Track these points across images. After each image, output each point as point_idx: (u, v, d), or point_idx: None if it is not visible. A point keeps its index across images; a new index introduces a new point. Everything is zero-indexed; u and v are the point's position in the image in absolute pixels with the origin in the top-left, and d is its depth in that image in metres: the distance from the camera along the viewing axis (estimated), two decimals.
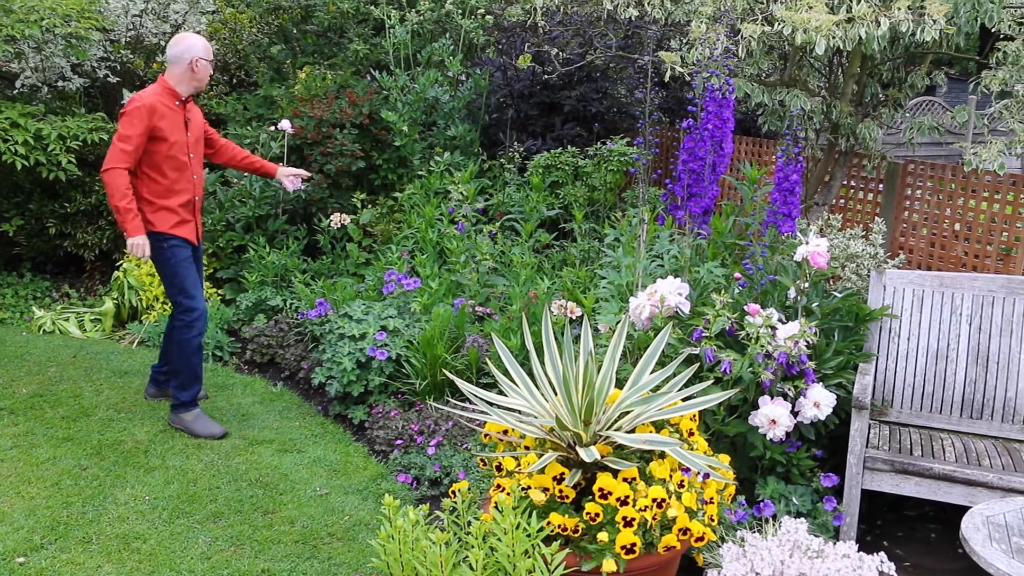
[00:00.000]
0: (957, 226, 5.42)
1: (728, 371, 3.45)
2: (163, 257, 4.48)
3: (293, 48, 8.04)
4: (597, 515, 2.71)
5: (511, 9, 7.12)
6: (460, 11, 7.32)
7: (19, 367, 5.37)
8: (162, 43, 6.97)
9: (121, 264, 6.39)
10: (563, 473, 2.82)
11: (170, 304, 4.70)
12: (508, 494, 2.70)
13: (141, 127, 4.31)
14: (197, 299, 4.53)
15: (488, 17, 7.40)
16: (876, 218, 5.24)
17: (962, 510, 3.29)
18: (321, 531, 3.69)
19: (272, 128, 6.75)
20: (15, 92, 6.55)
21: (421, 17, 7.17)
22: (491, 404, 3.07)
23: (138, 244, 4.32)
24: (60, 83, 6.68)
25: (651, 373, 3.14)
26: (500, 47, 7.78)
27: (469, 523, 2.76)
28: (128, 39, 6.92)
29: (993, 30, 4.68)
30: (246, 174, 6.61)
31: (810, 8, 4.38)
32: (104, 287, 6.72)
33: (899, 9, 4.28)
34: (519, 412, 3.07)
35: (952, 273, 4.05)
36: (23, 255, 6.99)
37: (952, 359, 3.92)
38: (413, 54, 7.20)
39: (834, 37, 4.29)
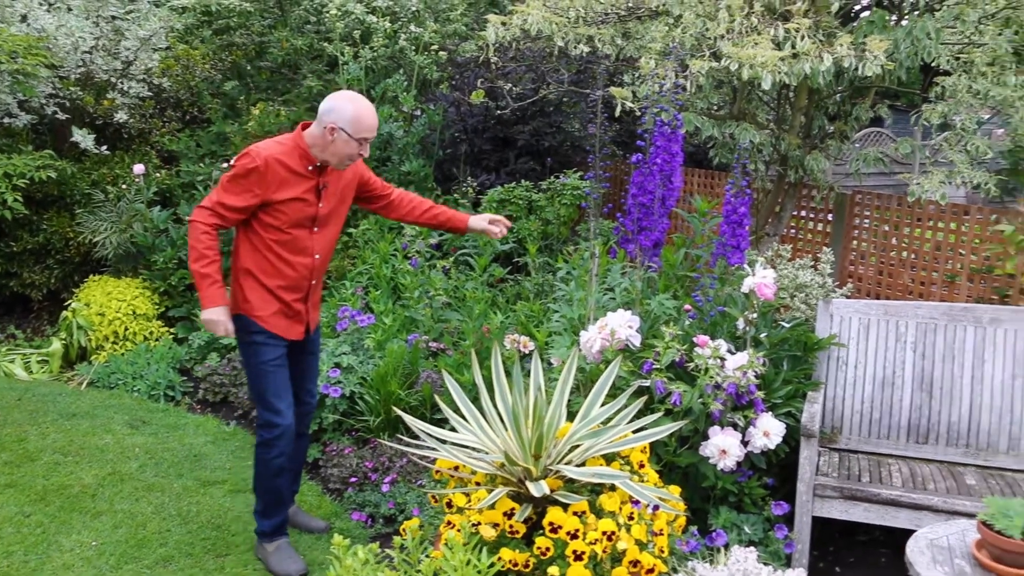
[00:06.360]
0: (904, 255, 5.53)
1: (678, 402, 3.48)
2: (246, 352, 3.61)
3: (247, 84, 8.03)
4: (548, 549, 2.70)
5: (464, 45, 7.21)
6: (414, 47, 7.37)
7: None
8: (113, 79, 6.93)
9: (69, 304, 6.30)
10: (513, 508, 2.81)
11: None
12: (458, 530, 2.68)
13: (247, 197, 3.38)
14: (281, 412, 3.58)
15: (442, 53, 7.46)
16: (825, 248, 5.33)
17: (910, 534, 3.33)
18: None
19: (225, 165, 6.72)
20: None
21: (375, 53, 7.20)
22: (442, 440, 3.06)
23: (212, 320, 3.37)
24: (6, 120, 6.59)
25: (601, 406, 3.15)
26: (454, 83, 7.84)
27: (420, 560, 2.73)
28: (78, 76, 6.86)
29: (933, 65, 4.81)
30: None
31: (756, 44, 4.47)
32: (52, 327, 6.61)
33: (841, 45, 4.38)
34: (471, 448, 3.06)
35: (896, 302, 4.13)
36: None
37: (898, 386, 3.98)
38: (367, 90, 7.22)
39: (780, 72, 4.38)
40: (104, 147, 6.78)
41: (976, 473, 3.72)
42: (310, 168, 3.46)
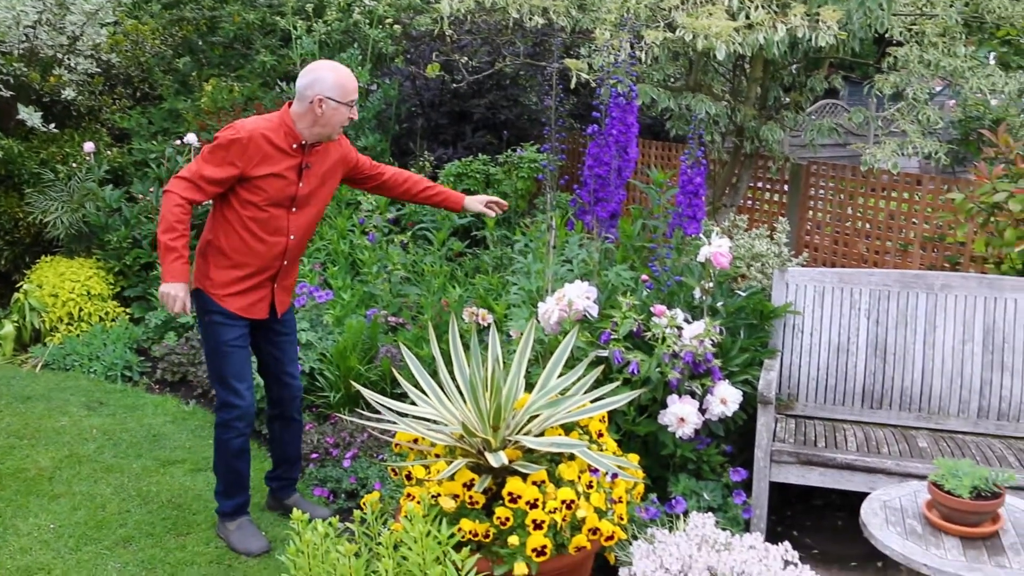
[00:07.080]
0: (859, 224, 5.61)
1: (636, 372, 3.50)
2: (205, 332, 3.57)
3: (199, 60, 7.89)
4: (507, 519, 2.72)
5: (419, 18, 7.14)
6: (368, 21, 7.29)
7: None
8: (59, 55, 6.77)
9: (21, 285, 6.18)
10: (473, 479, 2.82)
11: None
12: (418, 502, 2.69)
13: (227, 169, 3.33)
14: (241, 393, 3.54)
15: (396, 27, 7.39)
16: (781, 218, 5.38)
17: (865, 496, 3.39)
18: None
19: (178, 142, 6.62)
20: None
21: (328, 27, 7.11)
22: (401, 414, 3.06)
23: (169, 294, 3.29)
24: None
25: (559, 376, 3.16)
26: (409, 57, 7.77)
27: (380, 533, 2.74)
28: (21, 51, 6.69)
29: (886, 36, 4.86)
30: (152, 189, 6.46)
31: (710, 15, 4.48)
32: (4, 310, 6.48)
33: (795, 15, 4.40)
34: (430, 421, 3.07)
35: (850, 269, 4.19)
36: None
37: (853, 352, 4.04)
38: None
39: (734, 43, 4.40)
40: (52, 125, 6.64)
41: (928, 436, 3.80)
42: (295, 146, 3.42)
